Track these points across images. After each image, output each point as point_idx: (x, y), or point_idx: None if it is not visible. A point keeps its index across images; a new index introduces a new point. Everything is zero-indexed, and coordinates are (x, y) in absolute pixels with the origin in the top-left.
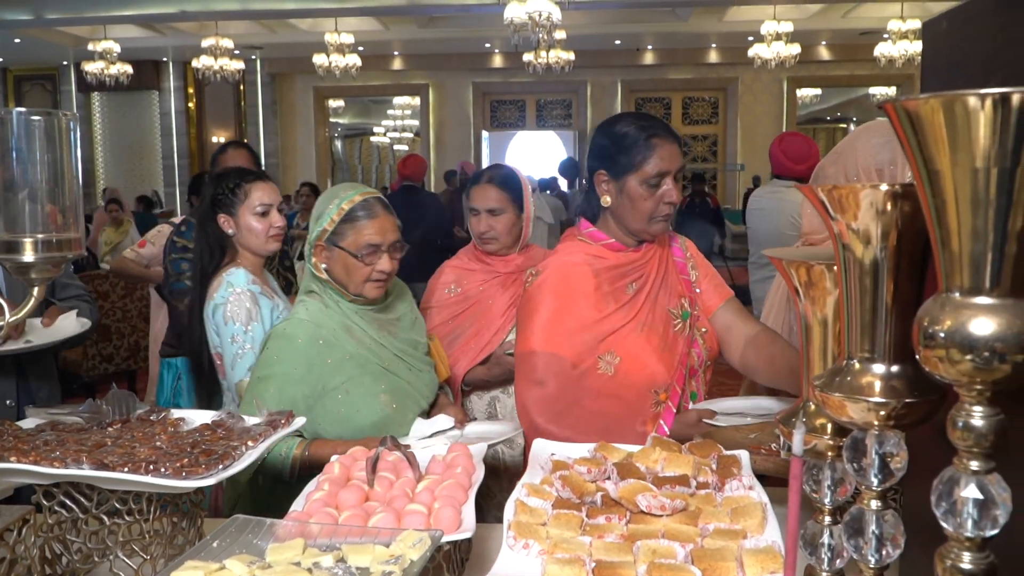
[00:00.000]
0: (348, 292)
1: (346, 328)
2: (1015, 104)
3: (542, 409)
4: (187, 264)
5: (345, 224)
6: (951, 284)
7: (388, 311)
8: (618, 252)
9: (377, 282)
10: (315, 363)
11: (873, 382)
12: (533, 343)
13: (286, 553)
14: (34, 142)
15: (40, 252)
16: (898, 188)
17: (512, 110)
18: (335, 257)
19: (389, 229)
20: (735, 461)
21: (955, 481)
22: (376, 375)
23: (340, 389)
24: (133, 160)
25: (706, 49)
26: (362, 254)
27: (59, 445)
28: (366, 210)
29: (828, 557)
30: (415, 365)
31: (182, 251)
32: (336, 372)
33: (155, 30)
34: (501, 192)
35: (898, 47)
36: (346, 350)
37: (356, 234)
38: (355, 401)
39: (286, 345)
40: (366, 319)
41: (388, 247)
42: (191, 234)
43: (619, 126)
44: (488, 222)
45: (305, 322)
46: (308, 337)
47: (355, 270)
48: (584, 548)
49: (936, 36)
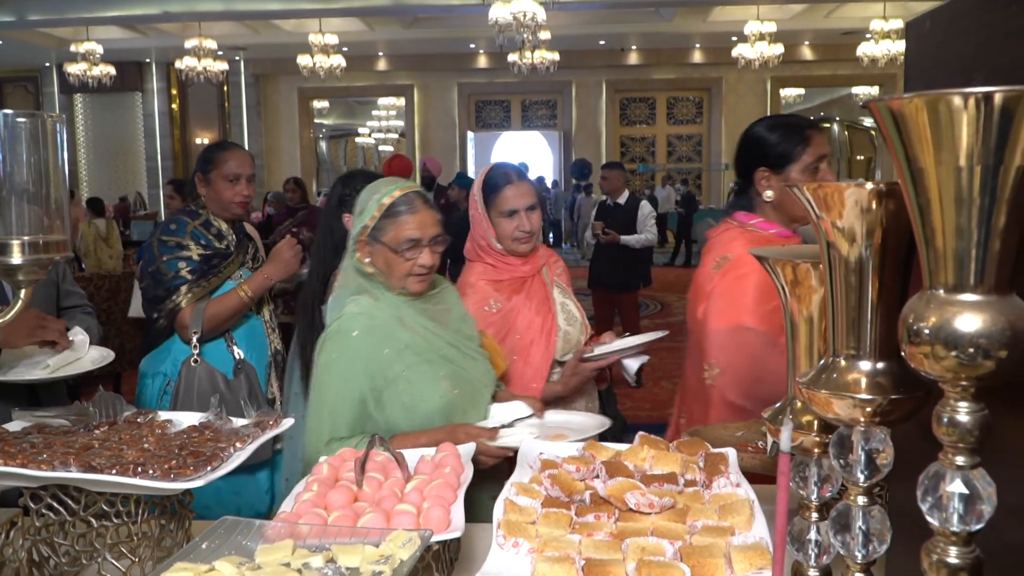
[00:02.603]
0: (393, 287)
1: (398, 319)
2: (998, 103)
3: (737, 386)
4: (184, 263)
5: (386, 219)
6: (936, 281)
7: (437, 302)
8: (789, 238)
9: (419, 276)
10: (373, 355)
11: (859, 379)
12: (748, 320)
13: (275, 554)
14: (20, 144)
15: (27, 254)
16: (883, 187)
17: (497, 110)
18: (377, 252)
19: (429, 223)
20: (723, 459)
21: (941, 476)
22: (434, 362)
23: (401, 379)
24: (116, 162)
25: (690, 49)
26: (402, 248)
27: (46, 448)
28: (406, 204)
29: (815, 553)
30: (469, 354)
31: (176, 249)
32: (395, 362)
33: (138, 31)
34: (532, 187)
35: (880, 47)
36: (401, 340)
37: (396, 229)
38: (418, 390)
39: (342, 341)
40: (416, 309)
41: (429, 241)
42: (184, 231)
43: (773, 125)
44: (529, 220)
45: (358, 316)
46: (363, 330)
47: (396, 264)
48: (573, 546)
49: (920, 35)
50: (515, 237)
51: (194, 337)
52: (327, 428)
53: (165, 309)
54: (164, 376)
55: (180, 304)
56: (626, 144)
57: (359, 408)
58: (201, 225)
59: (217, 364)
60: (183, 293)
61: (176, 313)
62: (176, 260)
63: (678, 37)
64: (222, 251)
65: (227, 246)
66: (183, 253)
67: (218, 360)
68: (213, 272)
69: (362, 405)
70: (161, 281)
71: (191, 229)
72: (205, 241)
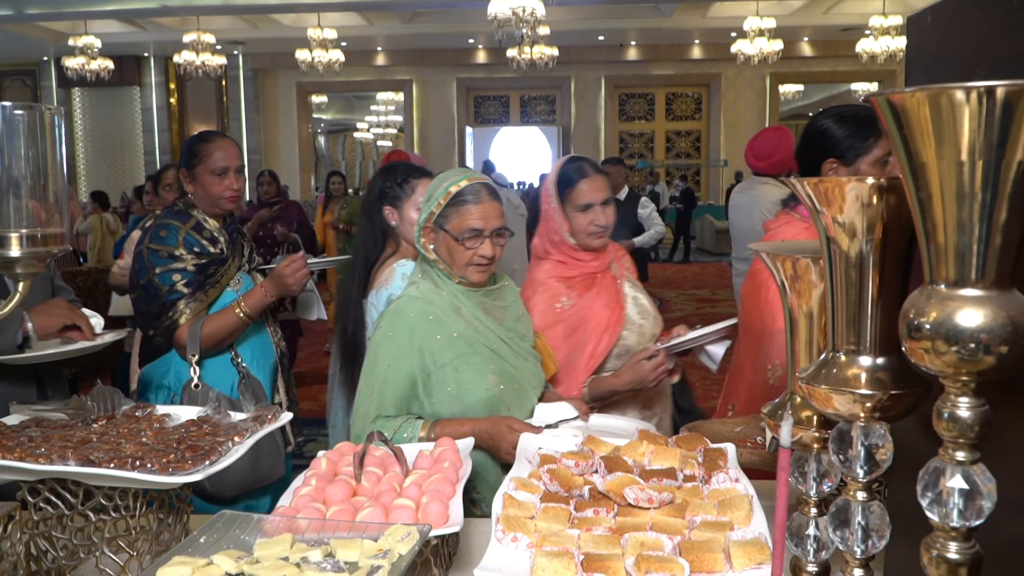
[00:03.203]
0: (455, 275)
1: (455, 308)
2: (1000, 97)
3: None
4: (179, 276)
5: (451, 207)
6: (936, 276)
7: (496, 298)
8: None
9: (479, 266)
10: (425, 338)
11: (859, 374)
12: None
13: (274, 548)
14: (18, 136)
15: (25, 247)
16: (884, 182)
17: (496, 106)
18: (440, 239)
19: (493, 215)
20: (721, 454)
21: (941, 471)
22: (484, 356)
23: (450, 366)
24: (115, 156)
25: (689, 45)
26: (464, 238)
27: (44, 441)
28: (473, 194)
29: (813, 549)
30: (520, 353)
31: (169, 260)
32: (446, 349)
33: (136, 25)
34: (607, 180)
35: (880, 43)
36: (455, 328)
37: (460, 218)
38: (464, 379)
39: (398, 320)
40: (473, 301)
41: (491, 232)
42: (175, 239)
43: (842, 116)
44: (604, 214)
45: (417, 299)
46: (419, 313)
47: (457, 253)
48: (572, 541)
49: (920, 30)
50: (590, 232)
51: (192, 360)
52: (375, 405)
53: (161, 327)
54: (168, 391)
55: (178, 321)
56: (625, 140)
57: (408, 388)
58: (193, 229)
59: (220, 381)
60: (180, 309)
61: (173, 331)
62: (170, 272)
63: (677, 33)
64: (217, 256)
65: (222, 250)
66: (176, 264)
67: (221, 376)
68: (210, 283)
69: (411, 386)
70: (155, 296)
71: (183, 236)
72: (199, 248)
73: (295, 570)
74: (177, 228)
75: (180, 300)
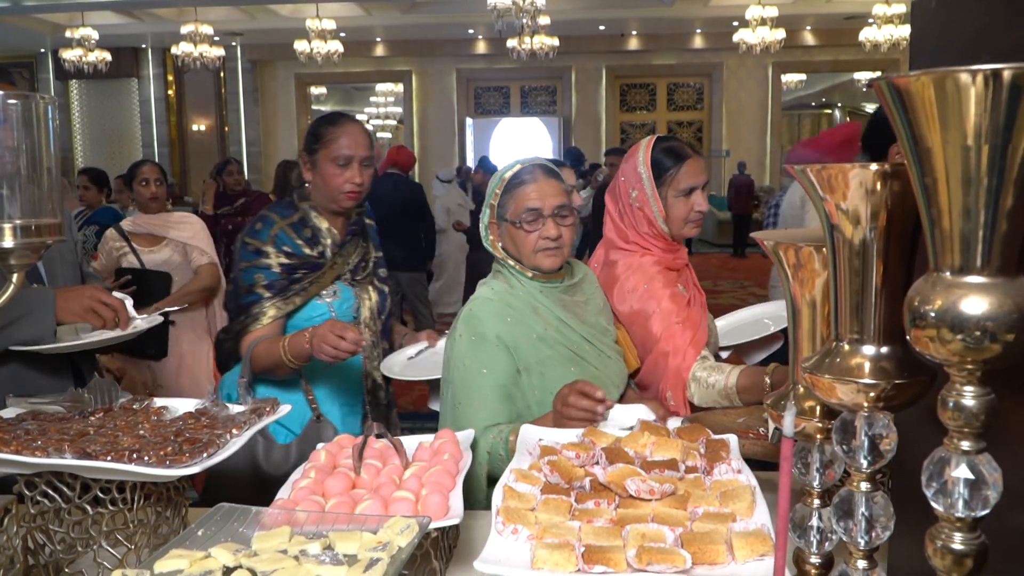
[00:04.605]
0: (527, 268)
1: (532, 308)
2: (1007, 80)
3: None
4: (261, 274)
5: (507, 194)
6: (941, 263)
7: (575, 293)
8: None
9: (547, 250)
10: (508, 338)
11: (862, 363)
12: None
13: (272, 541)
14: (11, 126)
15: (19, 238)
16: (888, 167)
17: (496, 97)
18: (504, 232)
19: (551, 193)
20: (723, 445)
21: (946, 461)
22: (565, 358)
23: (534, 371)
24: (112, 148)
25: (691, 34)
26: (523, 220)
27: (41, 434)
28: (528, 175)
29: (817, 540)
30: (604, 351)
31: (255, 256)
32: (529, 352)
33: (133, 16)
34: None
35: (883, 32)
36: (534, 330)
37: (516, 201)
38: (550, 384)
39: (475, 323)
40: (551, 298)
41: (552, 211)
42: (267, 233)
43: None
44: (704, 200)
45: (491, 300)
46: (495, 313)
47: (521, 240)
48: (573, 533)
49: (925, 16)
50: (691, 219)
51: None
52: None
53: (233, 330)
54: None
55: (249, 327)
56: (626, 130)
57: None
58: (292, 226)
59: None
60: (254, 313)
61: (242, 336)
62: (253, 269)
63: (679, 22)
64: (312, 260)
65: (321, 253)
66: (262, 261)
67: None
68: (295, 289)
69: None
70: (236, 293)
71: (276, 231)
72: (291, 247)
73: (293, 563)
74: (273, 222)
75: (256, 303)
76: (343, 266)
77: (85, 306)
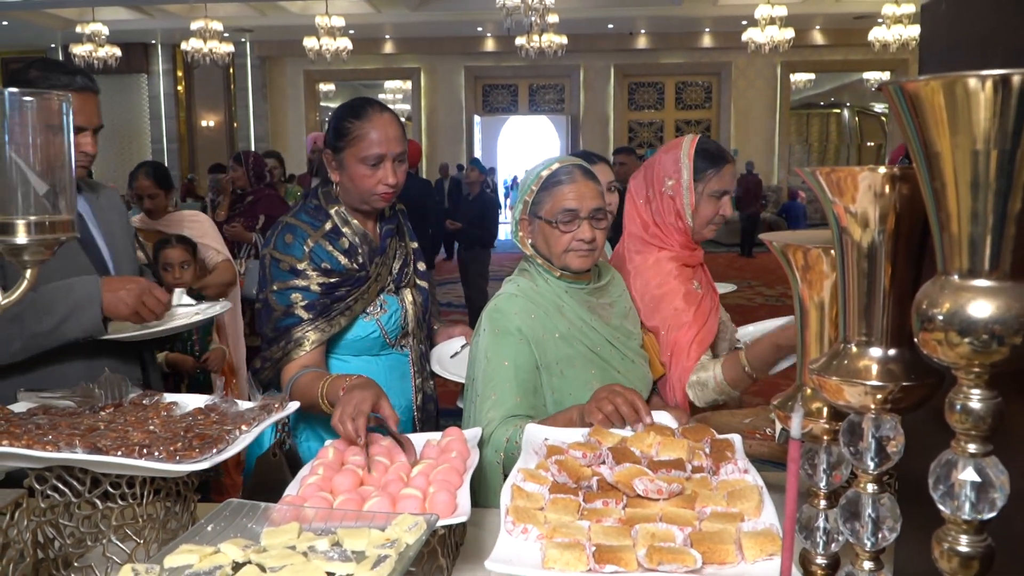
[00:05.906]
0: (555, 267)
1: (557, 307)
2: (1016, 86)
3: None
4: (300, 295)
5: (543, 192)
6: (950, 267)
7: (601, 295)
8: None
9: (579, 251)
10: (531, 334)
11: (870, 366)
12: None
13: (281, 537)
14: (27, 123)
15: (33, 234)
16: (897, 171)
17: (504, 94)
18: (537, 229)
19: (588, 195)
20: (728, 445)
21: (953, 464)
22: (586, 359)
23: (554, 369)
24: (122, 144)
25: (699, 33)
26: (559, 220)
27: (51, 429)
28: (566, 175)
29: (823, 541)
30: (627, 354)
31: (290, 276)
32: (550, 350)
33: (144, 12)
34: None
35: (892, 31)
36: (557, 328)
37: (553, 200)
38: (567, 385)
39: (500, 317)
40: (577, 298)
41: (588, 213)
42: (300, 249)
43: None
44: (730, 206)
45: (516, 296)
46: (520, 309)
47: (554, 239)
48: (583, 532)
49: (935, 17)
50: (715, 221)
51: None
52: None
53: (272, 358)
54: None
55: (291, 354)
56: (634, 129)
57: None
58: (325, 237)
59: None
60: (295, 339)
61: (284, 365)
62: (289, 291)
63: (687, 21)
64: (353, 274)
65: (362, 264)
66: (298, 282)
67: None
68: (338, 308)
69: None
70: (271, 315)
71: (312, 246)
72: (330, 263)
73: (302, 559)
74: (305, 234)
75: (297, 326)
76: (386, 277)
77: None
